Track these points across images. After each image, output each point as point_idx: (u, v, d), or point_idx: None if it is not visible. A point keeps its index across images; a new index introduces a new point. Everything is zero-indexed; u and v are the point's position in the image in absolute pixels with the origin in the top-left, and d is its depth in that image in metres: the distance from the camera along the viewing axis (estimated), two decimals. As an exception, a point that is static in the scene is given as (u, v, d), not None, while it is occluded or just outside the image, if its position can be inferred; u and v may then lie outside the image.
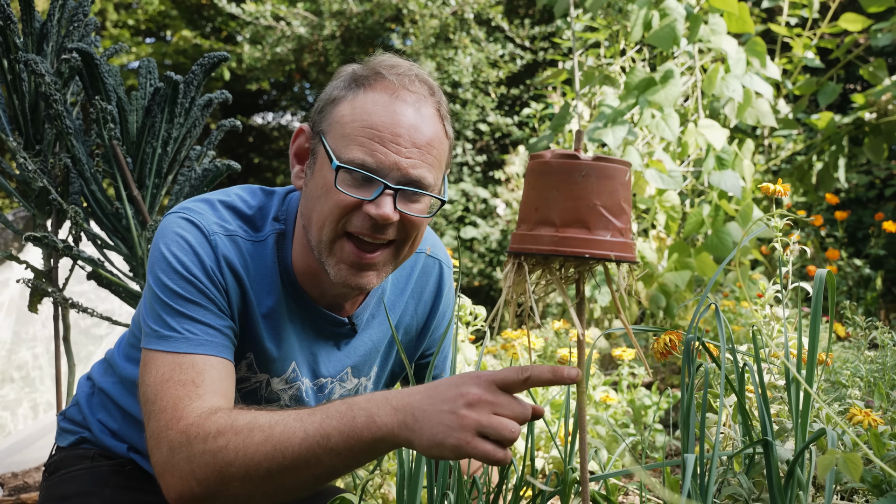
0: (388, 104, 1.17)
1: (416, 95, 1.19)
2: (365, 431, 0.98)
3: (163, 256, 1.20)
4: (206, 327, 1.18)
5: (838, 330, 2.31)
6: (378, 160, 1.15)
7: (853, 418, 1.28)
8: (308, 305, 1.31)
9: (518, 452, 2.05)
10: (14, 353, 3.13)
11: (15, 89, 2.12)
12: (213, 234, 1.22)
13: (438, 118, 1.22)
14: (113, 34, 9.25)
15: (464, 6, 7.42)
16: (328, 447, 0.99)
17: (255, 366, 1.31)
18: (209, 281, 1.20)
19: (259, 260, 1.27)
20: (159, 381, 1.13)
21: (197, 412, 1.08)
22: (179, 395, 1.10)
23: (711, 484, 0.99)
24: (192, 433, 1.05)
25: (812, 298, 1.07)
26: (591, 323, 4.09)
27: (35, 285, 2.10)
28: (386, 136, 1.16)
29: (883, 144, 4.56)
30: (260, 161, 10.46)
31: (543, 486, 1.07)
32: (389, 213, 1.16)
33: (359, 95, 1.19)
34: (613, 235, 0.92)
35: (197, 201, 1.28)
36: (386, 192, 1.16)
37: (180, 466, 1.06)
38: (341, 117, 1.19)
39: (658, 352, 1.25)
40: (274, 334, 1.29)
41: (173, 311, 1.17)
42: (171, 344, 1.15)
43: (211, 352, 1.16)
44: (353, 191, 1.17)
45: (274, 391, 1.35)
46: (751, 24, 3.95)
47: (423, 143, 1.18)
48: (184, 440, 1.06)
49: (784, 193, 1.52)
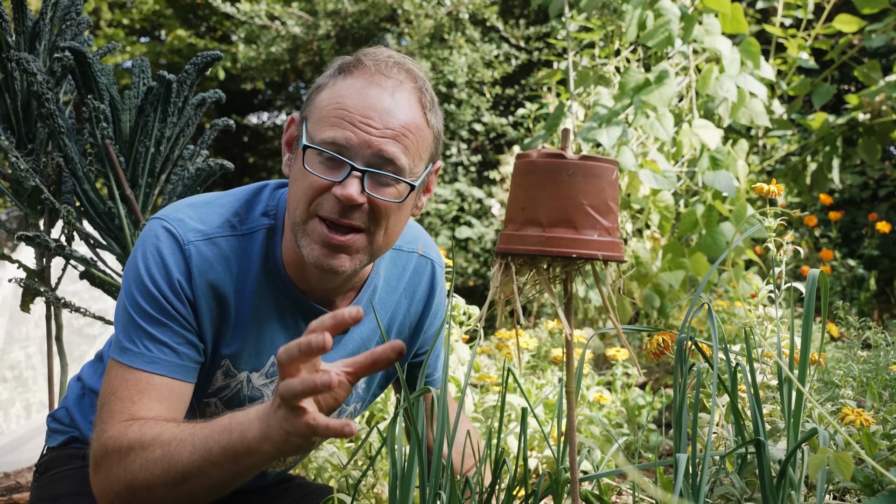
0: (362, 88, 1.18)
1: (392, 80, 1.19)
2: (239, 445, 1.03)
3: (135, 267, 1.22)
4: (162, 346, 1.20)
5: (831, 330, 2.32)
6: (347, 138, 1.15)
7: (845, 418, 1.28)
8: (298, 300, 1.30)
9: (511, 452, 2.05)
10: (7, 352, 3.11)
11: (7, 88, 2.11)
12: (188, 242, 1.23)
13: (417, 106, 1.21)
14: (107, 33, 9.22)
15: (459, 6, 7.42)
16: (211, 460, 1.05)
17: (232, 369, 1.31)
18: (175, 297, 1.21)
19: (244, 256, 1.26)
20: (107, 393, 1.19)
21: (119, 427, 1.13)
22: (114, 410, 1.16)
23: (704, 483, 0.99)
24: (109, 447, 1.13)
25: (805, 298, 1.07)
26: (585, 322, 4.09)
27: (27, 285, 2.09)
28: (356, 118, 1.16)
29: (877, 145, 4.57)
30: (255, 161, 10.44)
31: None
32: (354, 195, 1.15)
33: (338, 81, 1.20)
34: (601, 235, 0.92)
35: (182, 205, 1.28)
36: (353, 174, 1.16)
37: (101, 478, 1.14)
38: (319, 101, 1.20)
39: (651, 352, 1.25)
40: (254, 329, 1.29)
41: (136, 325, 1.20)
42: (126, 357, 1.20)
43: (160, 371, 1.20)
44: (323, 172, 1.17)
45: (256, 387, 1.34)
46: (745, 24, 3.96)
47: (396, 125, 1.17)
48: (103, 453, 1.13)
49: (778, 194, 1.52)
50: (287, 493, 1.61)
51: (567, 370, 0.99)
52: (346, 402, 1.45)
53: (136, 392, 1.17)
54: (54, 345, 2.22)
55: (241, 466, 1.05)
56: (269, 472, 1.50)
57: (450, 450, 1.09)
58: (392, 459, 1.09)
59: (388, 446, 1.05)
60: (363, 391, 1.48)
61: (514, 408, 2.25)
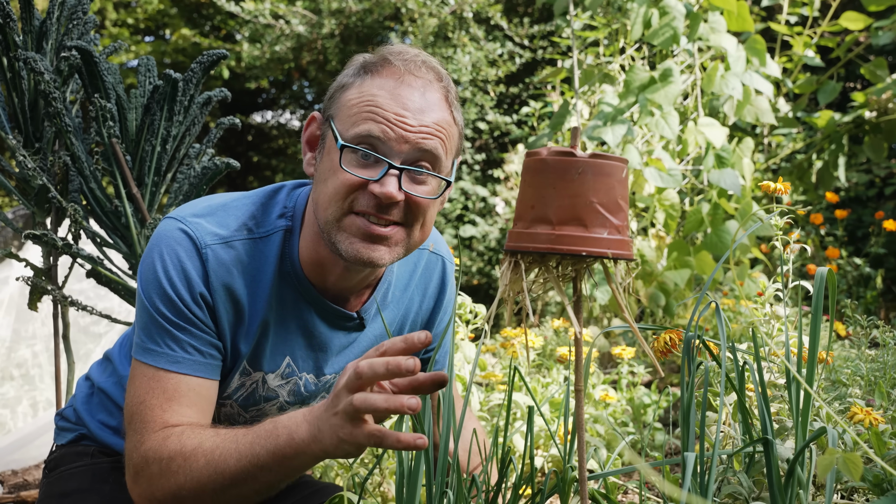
0: (394, 87, 1.18)
1: (422, 80, 1.20)
2: (287, 448, 1.06)
3: (153, 270, 1.23)
4: (186, 345, 1.22)
5: (839, 329, 2.31)
6: (383, 131, 1.16)
7: (854, 417, 1.28)
8: (315, 300, 1.31)
9: (517, 451, 2.05)
10: (14, 350, 3.13)
11: (14, 87, 2.11)
12: (205, 246, 1.23)
13: (445, 104, 1.22)
14: (112, 33, 9.24)
15: (463, 5, 7.41)
16: (259, 465, 1.08)
17: (247, 367, 1.32)
18: (193, 302, 1.22)
19: (260, 258, 1.27)
20: (136, 402, 1.21)
21: (156, 438, 1.16)
22: (147, 419, 1.18)
23: (711, 482, 0.99)
24: (150, 457, 1.15)
25: (812, 297, 1.07)
26: (590, 321, 4.09)
27: (34, 283, 2.10)
28: (390, 115, 1.17)
29: (883, 143, 4.55)
30: (259, 159, 10.45)
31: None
32: (394, 192, 1.16)
33: (366, 81, 1.20)
34: (610, 233, 0.92)
35: (200, 206, 1.29)
36: (391, 172, 1.17)
37: (142, 486, 1.17)
38: (348, 100, 1.20)
39: (658, 350, 1.24)
40: (268, 330, 1.30)
41: (158, 326, 1.22)
42: (152, 357, 1.21)
43: (187, 370, 1.22)
44: (359, 171, 1.17)
45: (271, 388, 1.35)
46: (750, 22, 3.95)
47: (430, 123, 1.19)
48: (143, 464, 1.16)
49: (784, 192, 1.52)
50: (294, 492, 1.62)
51: (576, 369, 0.99)
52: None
53: (165, 400, 1.19)
54: (61, 343, 2.23)
55: (288, 468, 1.07)
56: None
57: (456, 447, 1.09)
58: (399, 458, 1.09)
59: (395, 445, 1.05)
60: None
61: (519, 406, 2.25)
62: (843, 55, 5.02)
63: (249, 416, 1.39)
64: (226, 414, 1.38)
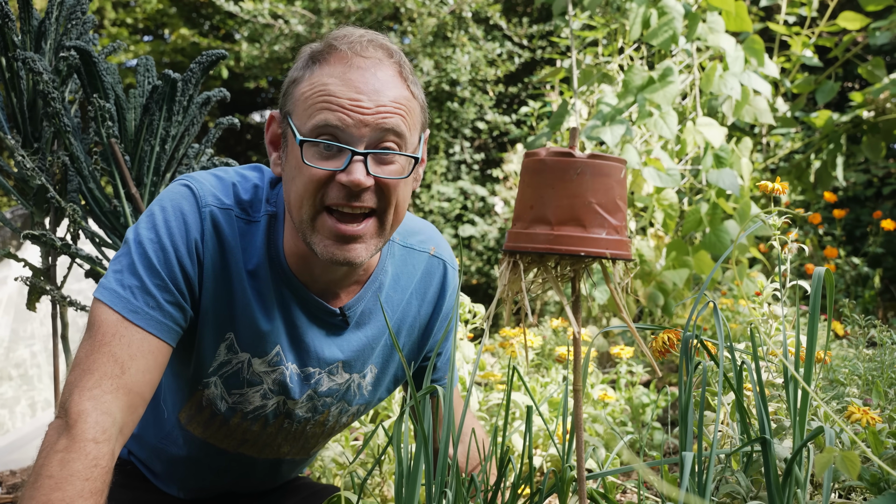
0: (344, 73, 1.17)
1: (371, 60, 1.18)
2: None
3: (152, 215, 1.22)
4: (149, 298, 1.18)
5: (836, 328, 2.32)
6: (340, 119, 1.14)
7: (851, 416, 1.28)
8: (298, 291, 1.30)
9: (516, 450, 2.05)
10: (12, 350, 3.13)
11: (13, 87, 2.11)
12: (206, 205, 1.23)
13: (400, 80, 1.20)
14: (111, 32, 9.23)
15: (462, 5, 7.41)
16: None
17: (235, 345, 1.30)
18: (187, 254, 1.21)
19: (250, 240, 1.27)
20: (97, 345, 1.15)
21: (60, 427, 1.10)
22: (74, 385, 1.12)
23: (709, 482, 0.99)
24: (46, 442, 1.10)
25: (810, 296, 1.07)
26: (588, 321, 4.09)
27: (33, 283, 2.10)
28: (345, 102, 1.15)
29: (881, 143, 4.56)
30: (257, 159, 10.45)
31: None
32: (361, 179, 1.15)
33: (315, 71, 1.19)
34: (609, 233, 0.92)
35: (203, 172, 1.30)
36: (355, 159, 1.15)
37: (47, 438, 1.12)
38: (301, 94, 1.19)
39: (656, 350, 1.25)
40: (259, 314, 1.28)
41: (137, 274, 1.18)
42: (122, 304, 1.17)
43: (151, 329, 1.17)
44: (323, 163, 1.16)
45: (256, 373, 1.33)
46: (749, 22, 3.95)
47: (387, 102, 1.17)
48: (46, 435, 1.11)
49: (782, 191, 1.52)
50: (293, 493, 1.62)
51: (575, 368, 0.99)
52: (349, 402, 1.44)
53: (128, 355, 1.14)
54: (60, 343, 2.22)
55: None
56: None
57: (455, 451, 1.09)
58: (398, 458, 1.09)
59: (393, 445, 1.05)
60: (369, 393, 1.46)
61: (518, 406, 2.26)
62: (841, 55, 5.02)
63: (232, 400, 1.35)
64: (210, 396, 1.34)
